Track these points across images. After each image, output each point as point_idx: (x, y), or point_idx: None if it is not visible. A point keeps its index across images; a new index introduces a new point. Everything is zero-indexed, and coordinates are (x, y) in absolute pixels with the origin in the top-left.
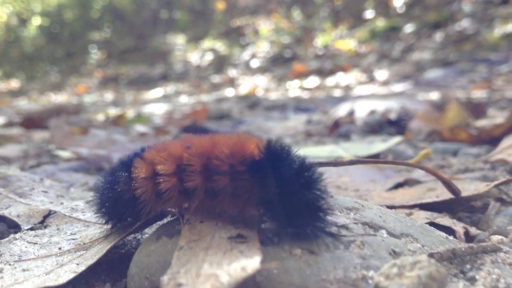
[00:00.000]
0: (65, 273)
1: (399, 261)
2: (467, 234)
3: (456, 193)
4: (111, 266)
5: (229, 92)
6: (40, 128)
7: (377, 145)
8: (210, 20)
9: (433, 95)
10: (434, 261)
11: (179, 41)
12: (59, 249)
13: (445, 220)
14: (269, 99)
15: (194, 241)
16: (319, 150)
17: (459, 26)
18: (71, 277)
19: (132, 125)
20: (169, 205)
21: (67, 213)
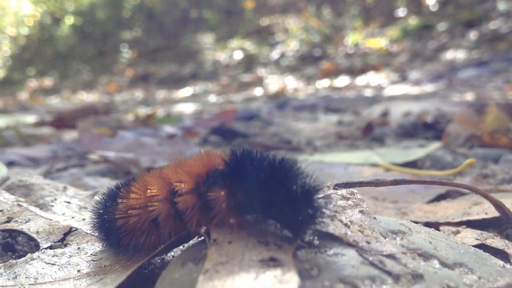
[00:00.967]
0: None
1: None
2: None
3: (508, 217)
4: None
5: (258, 91)
6: (70, 128)
7: (414, 151)
8: (239, 19)
9: (468, 96)
10: None
11: (208, 40)
12: (78, 271)
13: (496, 241)
14: (298, 99)
15: (221, 264)
16: (353, 156)
17: (494, 24)
18: None
19: (161, 125)
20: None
21: (89, 231)
